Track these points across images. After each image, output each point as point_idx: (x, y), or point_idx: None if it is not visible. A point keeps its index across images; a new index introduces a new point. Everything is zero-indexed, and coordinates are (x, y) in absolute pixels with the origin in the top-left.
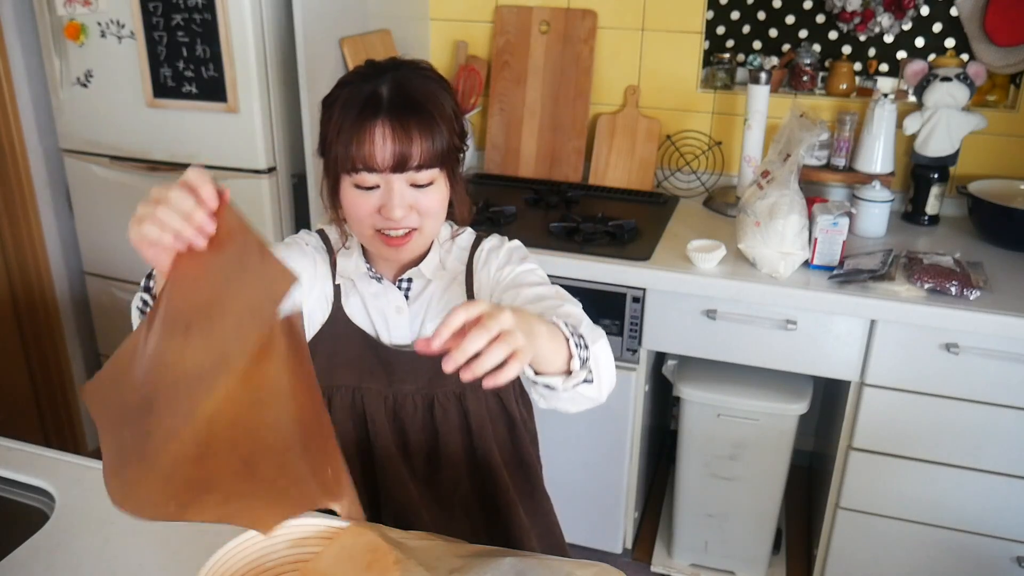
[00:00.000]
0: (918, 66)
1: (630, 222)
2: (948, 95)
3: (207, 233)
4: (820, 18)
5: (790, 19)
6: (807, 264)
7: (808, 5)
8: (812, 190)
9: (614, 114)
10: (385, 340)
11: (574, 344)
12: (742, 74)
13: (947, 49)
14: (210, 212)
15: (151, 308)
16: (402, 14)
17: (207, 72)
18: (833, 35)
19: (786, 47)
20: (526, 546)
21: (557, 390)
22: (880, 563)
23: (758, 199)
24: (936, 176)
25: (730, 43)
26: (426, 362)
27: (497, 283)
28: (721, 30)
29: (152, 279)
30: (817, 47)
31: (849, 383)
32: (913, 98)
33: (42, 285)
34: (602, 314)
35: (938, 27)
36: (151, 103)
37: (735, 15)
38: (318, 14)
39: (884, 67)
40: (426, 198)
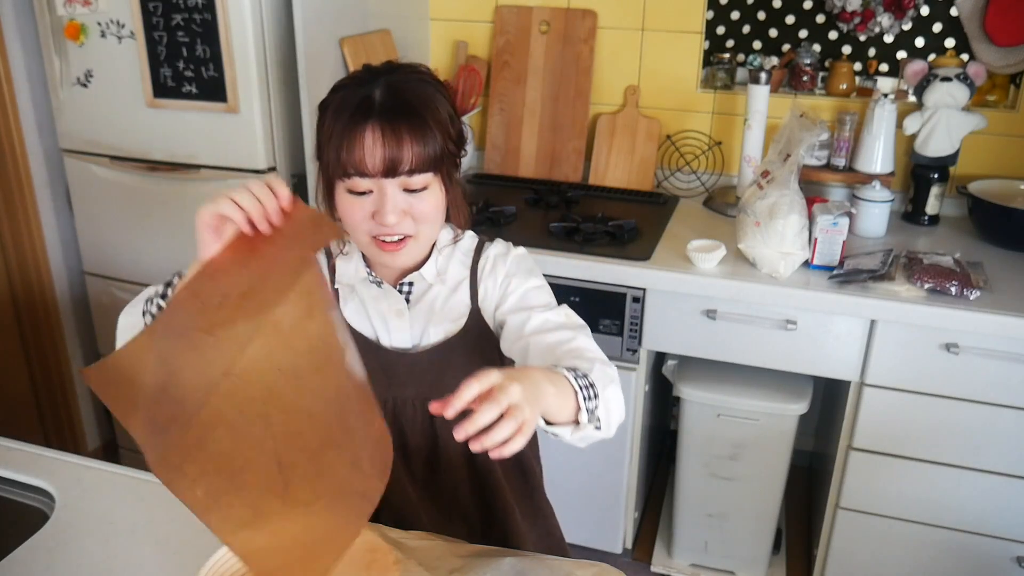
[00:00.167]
0: (918, 66)
1: (630, 222)
2: (948, 95)
3: (274, 222)
4: (820, 18)
5: (790, 19)
6: (807, 264)
7: (808, 5)
8: (812, 190)
9: (614, 114)
10: (386, 344)
11: (583, 398)
12: (742, 74)
13: (947, 49)
14: (280, 208)
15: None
16: (402, 14)
17: (207, 72)
18: (833, 35)
19: (786, 47)
20: (523, 549)
21: (565, 438)
22: (880, 563)
23: (758, 199)
24: (936, 176)
25: (730, 43)
26: (426, 366)
27: (504, 296)
28: (721, 30)
29: (171, 287)
30: (817, 47)
31: (849, 383)
32: (913, 98)
33: (42, 285)
34: (602, 314)
35: (938, 27)
36: (151, 103)
37: (735, 15)
38: (318, 14)
39: (884, 67)
40: (420, 203)
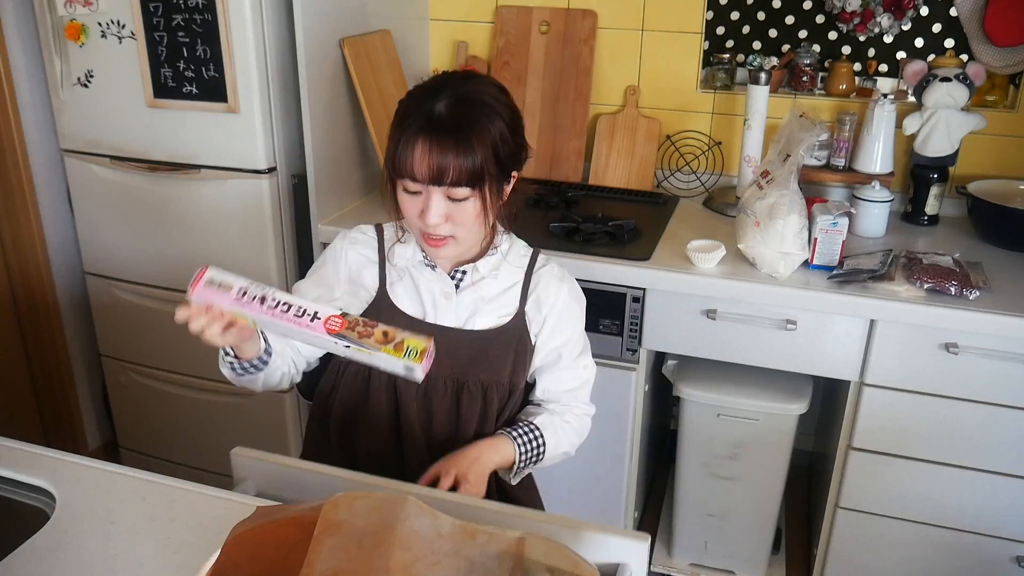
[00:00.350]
0: (918, 66)
1: (630, 222)
2: (947, 95)
3: None
4: (820, 18)
5: (790, 19)
6: (807, 264)
7: (808, 5)
8: (812, 190)
9: (614, 114)
10: (432, 321)
11: (521, 456)
12: (742, 74)
13: (947, 49)
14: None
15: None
16: (402, 14)
17: (207, 72)
18: (833, 35)
19: (786, 47)
20: None
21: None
22: (880, 563)
23: (758, 199)
24: (935, 176)
25: (730, 43)
26: (465, 348)
27: (551, 332)
28: (721, 30)
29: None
30: (817, 47)
31: (849, 383)
32: (913, 98)
33: (42, 285)
34: (602, 314)
35: (937, 27)
36: (151, 103)
37: (735, 15)
38: (318, 14)
39: (884, 67)
40: (460, 212)
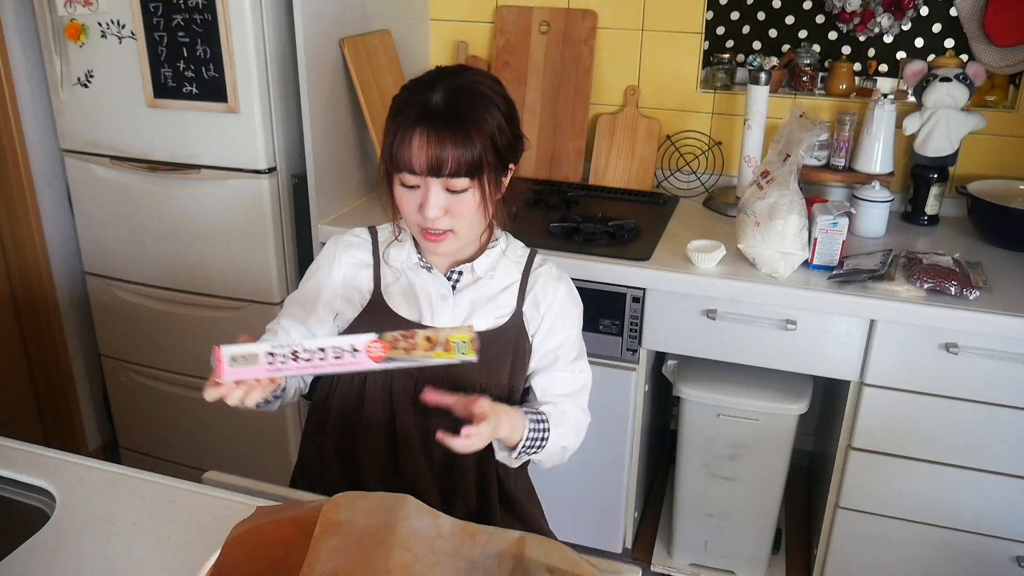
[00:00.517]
0: (917, 66)
1: (630, 222)
2: (947, 95)
3: None
4: (820, 18)
5: (790, 19)
6: (807, 264)
7: (808, 5)
8: (812, 190)
9: (614, 114)
10: (428, 323)
11: (526, 441)
12: (742, 74)
13: (946, 49)
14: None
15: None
16: (402, 14)
17: (207, 72)
18: (833, 35)
19: (786, 47)
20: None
21: (500, 455)
22: (880, 563)
23: (758, 199)
24: (935, 176)
25: (730, 43)
26: None
27: (548, 333)
28: (721, 30)
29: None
30: (817, 47)
31: (849, 383)
32: (912, 98)
33: (42, 285)
34: (602, 314)
35: (937, 27)
36: (151, 103)
37: (735, 15)
38: (318, 14)
39: (884, 67)
40: (459, 204)
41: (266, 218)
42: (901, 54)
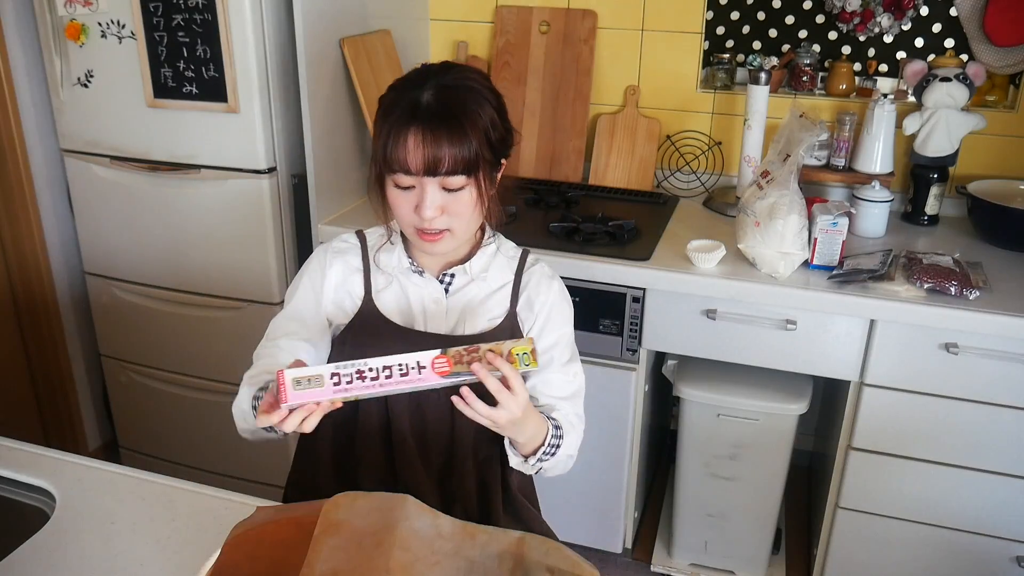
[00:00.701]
0: (917, 66)
1: (630, 222)
2: (947, 95)
3: None
4: (820, 18)
5: (790, 19)
6: (807, 264)
7: (808, 5)
8: (812, 190)
9: (614, 114)
10: (421, 329)
11: (543, 451)
12: (742, 74)
13: (946, 49)
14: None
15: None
16: (402, 14)
17: (207, 72)
18: (833, 35)
19: (786, 47)
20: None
21: (512, 461)
22: (880, 563)
23: (758, 199)
24: (935, 176)
25: (730, 43)
26: None
27: (541, 332)
28: (721, 30)
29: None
30: (817, 47)
31: (849, 383)
32: (912, 98)
33: (42, 285)
34: (602, 314)
35: (937, 27)
36: (151, 103)
37: (735, 15)
38: (318, 14)
39: (884, 67)
40: (456, 202)
41: (266, 218)
42: (901, 54)
